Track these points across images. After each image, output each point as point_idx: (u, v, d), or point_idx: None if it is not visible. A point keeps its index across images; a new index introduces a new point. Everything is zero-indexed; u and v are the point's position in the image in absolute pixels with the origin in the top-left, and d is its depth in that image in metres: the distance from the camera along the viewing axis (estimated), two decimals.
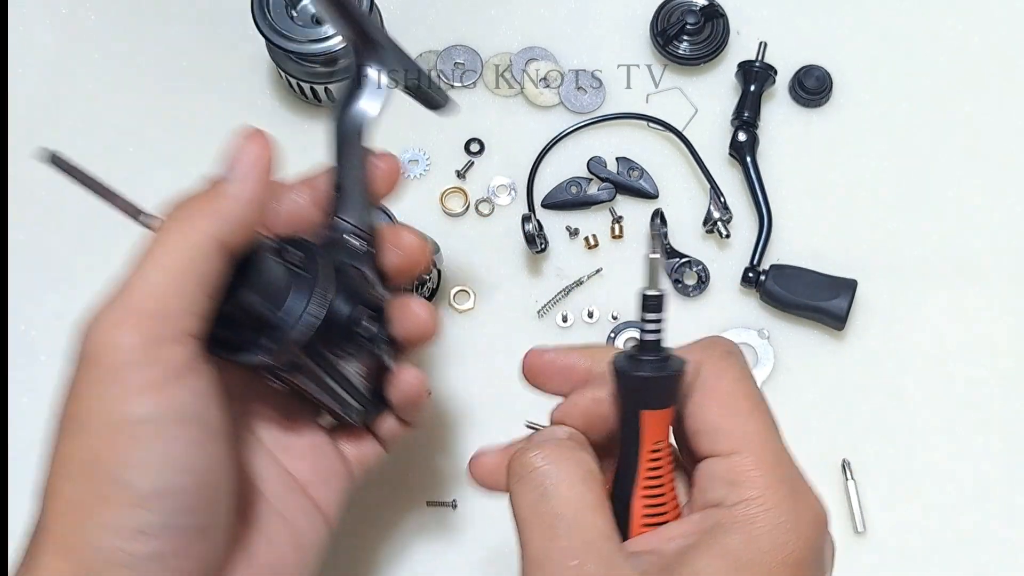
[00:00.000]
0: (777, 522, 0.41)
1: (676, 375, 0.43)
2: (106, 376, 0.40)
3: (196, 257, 0.42)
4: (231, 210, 0.44)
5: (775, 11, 0.82)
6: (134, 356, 0.40)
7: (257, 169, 0.45)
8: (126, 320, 0.41)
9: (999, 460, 0.74)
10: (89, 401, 0.41)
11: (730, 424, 0.43)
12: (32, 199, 0.80)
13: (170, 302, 0.41)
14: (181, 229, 0.43)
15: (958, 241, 0.78)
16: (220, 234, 0.43)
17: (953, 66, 0.81)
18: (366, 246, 0.52)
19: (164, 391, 0.41)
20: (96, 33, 0.84)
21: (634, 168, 0.79)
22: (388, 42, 0.54)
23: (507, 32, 0.83)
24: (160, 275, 0.42)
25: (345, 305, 0.49)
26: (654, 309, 0.44)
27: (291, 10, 0.75)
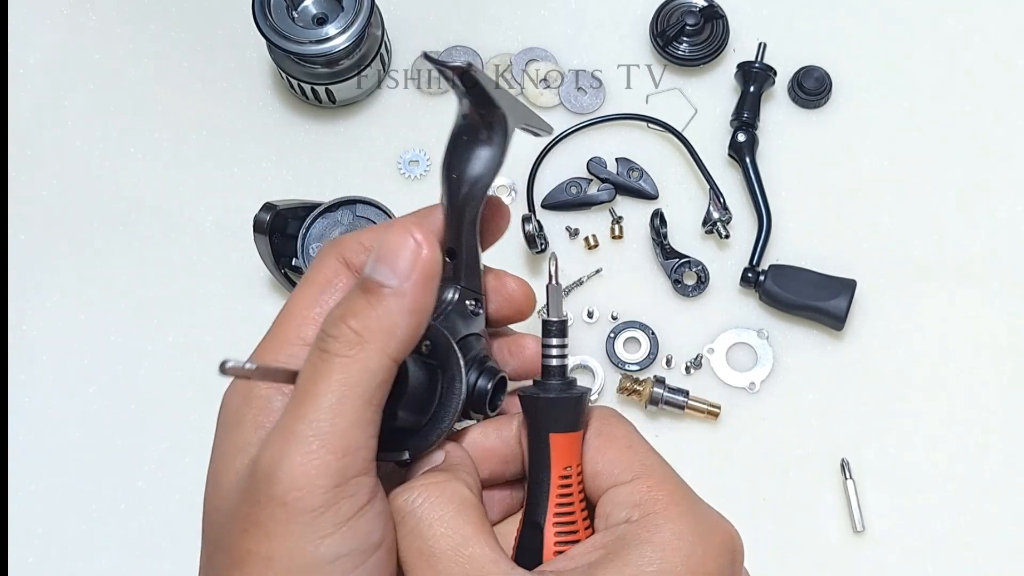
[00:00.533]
0: (682, 533, 0.41)
1: (582, 397, 0.44)
2: (298, 519, 0.39)
3: (373, 383, 0.40)
4: (401, 325, 0.40)
5: (775, 11, 0.83)
6: (326, 498, 0.39)
7: (420, 270, 0.40)
8: (315, 462, 0.39)
9: (999, 460, 0.74)
10: (283, 542, 0.39)
11: (630, 456, 0.44)
12: (32, 199, 0.80)
13: (355, 435, 0.39)
14: (358, 356, 0.40)
15: (958, 241, 0.78)
16: (394, 353, 0.40)
17: (953, 66, 0.81)
18: (480, 307, 0.48)
19: (355, 525, 0.40)
20: (96, 33, 0.84)
21: (634, 169, 0.79)
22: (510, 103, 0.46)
23: (507, 33, 0.83)
24: (344, 408, 0.39)
25: (476, 383, 0.46)
26: (557, 335, 0.45)
27: (292, 11, 0.75)
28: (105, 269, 0.79)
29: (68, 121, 0.82)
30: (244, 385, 0.43)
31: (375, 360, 0.40)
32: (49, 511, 0.74)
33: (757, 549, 0.73)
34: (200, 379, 0.76)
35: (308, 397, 0.39)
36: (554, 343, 0.45)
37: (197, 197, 0.80)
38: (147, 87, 0.82)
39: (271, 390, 0.43)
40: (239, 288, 0.78)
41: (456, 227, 0.45)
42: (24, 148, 0.81)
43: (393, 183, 0.80)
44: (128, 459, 0.75)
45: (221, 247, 0.79)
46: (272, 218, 0.70)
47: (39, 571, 0.74)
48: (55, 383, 0.77)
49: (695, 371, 0.76)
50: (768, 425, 0.75)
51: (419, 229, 0.40)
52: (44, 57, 0.83)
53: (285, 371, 0.41)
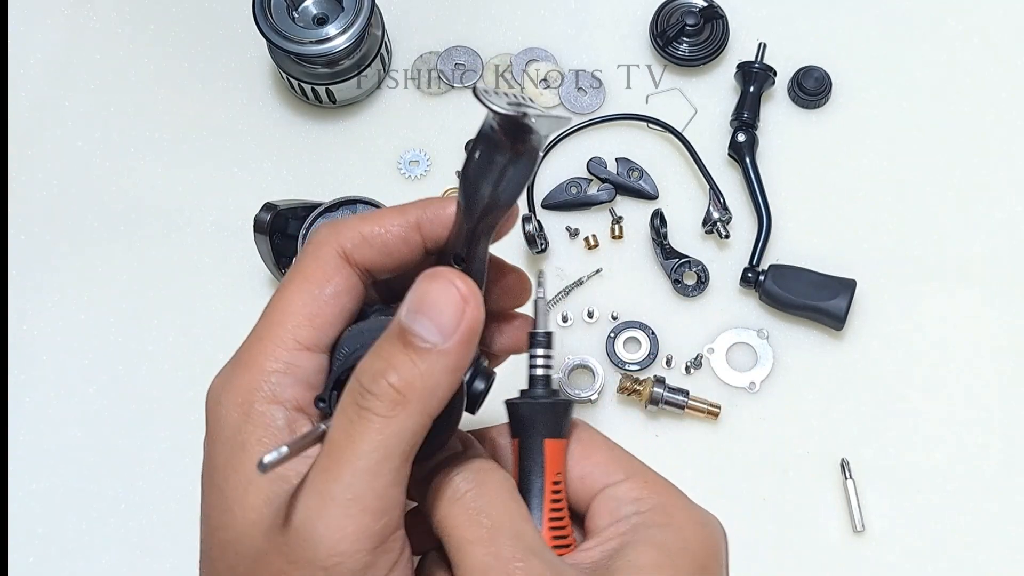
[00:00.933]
0: (692, 518, 0.44)
1: (570, 404, 0.46)
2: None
3: (413, 442, 0.39)
4: (443, 384, 0.39)
5: (775, 12, 0.83)
6: (368, 560, 0.38)
7: (465, 329, 0.38)
8: (354, 526, 0.38)
9: (999, 460, 0.74)
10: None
11: (617, 458, 0.46)
12: (32, 199, 0.80)
13: (393, 494, 0.38)
14: (398, 417, 0.38)
15: (957, 241, 0.78)
16: (434, 412, 0.39)
17: (952, 66, 0.81)
18: None
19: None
20: (97, 34, 0.84)
21: (634, 169, 0.79)
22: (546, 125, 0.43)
23: (507, 33, 0.83)
24: (382, 469, 0.38)
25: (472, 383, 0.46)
26: (544, 346, 0.46)
27: (292, 11, 0.76)
28: (105, 269, 0.79)
29: (68, 121, 0.82)
30: (238, 392, 0.42)
31: (415, 420, 0.38)
32: (49, 511, 0.74)
33: (757, 549, 0.73)
34: (200, 379, 0.75)
35: (345, 457, 0.38)
36: (540, 354, 0.46)
37: (197, 197, 0.80)
38: (147, 87, 0.82)
39: (272, 404, 0.41)
40: (239, 288, 0.78)
41: (469, 236, 0.44)
42: (24, 148, 0.81)
43: (393, 183, 0.80)
44: (128, 459, 0.75)
45: (221, 247, 0.79)
46: (272, 218, 0.70)
47: (39, 571, 0.73)
48: (55, 383, 0.77)
49: (695, 371, 0.76)
50: (768, 425, 0.75)
51: (461, 280, 0.38)
52: (44, 57, 0.83)
53: (315, 435, 0.39)
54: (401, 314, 0.39)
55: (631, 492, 0.44)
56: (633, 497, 0.44)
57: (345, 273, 0.43)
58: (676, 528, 0.43)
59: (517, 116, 0.39)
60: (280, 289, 0.43)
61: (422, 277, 0.39)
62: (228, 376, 0.43)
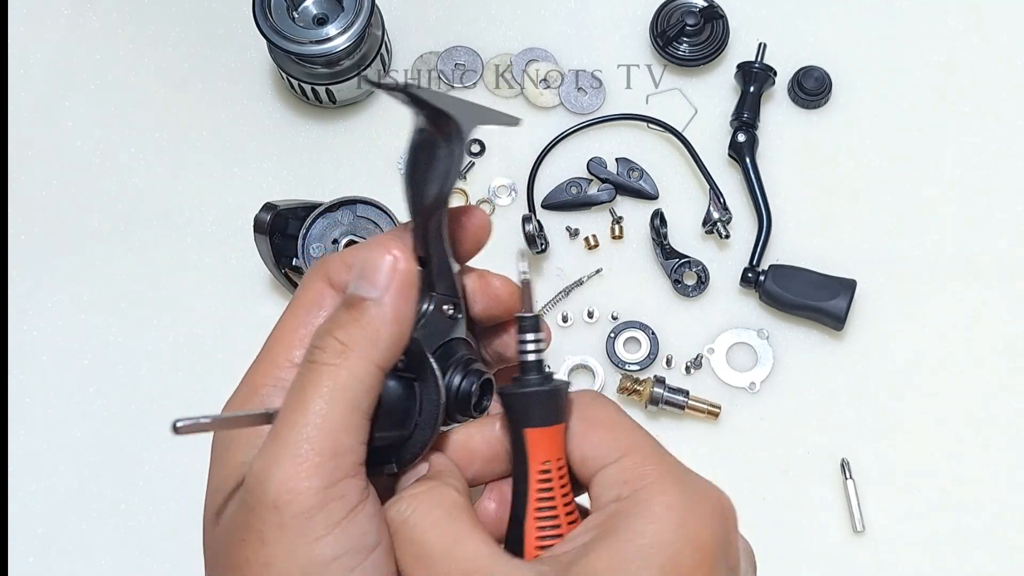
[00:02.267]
0: (672, 504, 0.41)
1: (556, 391, 0.44)
2: (292, 522, 0.40)
3: (361, 389, 0.42)
4: (384, 334, 0.42)
5: (775, 12, 0.83)
6: (317, 499, 0.40)
7: (398, 282, 0.43)
8: (305, 465, 0.40)
9: (998, 460, 0.74)
10: (280, 547, 0.40)
11: (614, 436, 0.44)
12: (32, 199, 0.80)
13: (343, 439, 0.41)
14: (344, 363, 0.42)
15: (958, 241, 0.78)
16: (380, 360, 0.42)
17: (952, 67, 0.81)
18: (458, 311, 0.48)
19: (348, 527, 0.41)
20: (97, 34, 0.84)
21: (634, 169, 0.79)
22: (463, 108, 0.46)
23: (507, 33, 0.83)
24: (331, 413, 0.41)
25: (460, 385, 0.47)
26: (532, 330, 0.45)
27: (292, 12, 0.76)
28: (105, 269, 0.79)
29: (68, 121, 0.82)
30: (233, 405, 0.44)
31: (361, 367, 0.41)
32: (49, 511, 0.74)
33: (757, 549, 0.73)
34: (200, 379, 0.76)
35: (297, 405, 0.41)
36: (530, 338, 0.45)
37: (197, 197, 0.80)
38: (147, 87, 0.82)
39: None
40: (239, 288, 0.78)
41: (423, 236, 0.46)
42: (24, 148, 0.81)
43: (393, 183, 0.80)
44: (128, 459, 0.75)
45: (221, 247, 0.79)
46: (272, 218, 0.70)
47: (39, 571, 0.74)
48: (55, 383, 0.77)
49: (695, 371, 0.76)
50: (768, 425, 0.75)
51: (395, 244, 0.42)
52: (44, 57, 0.83)
53: (255, 415, 0.42)
54: (349, 287, 0.43)
55: (620, 474, 0.43)
56: (620, 480, 0.43)
57: (331, 296, 0.46)
58: (649, 520, 0.41)
59: (399, 84, 0.42)
60: (279, 318, 0.46)
61: (360, 246, 0.44)
62: (232, 395, 0.46)
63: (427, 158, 0.45)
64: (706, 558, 0.41)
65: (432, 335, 0.46)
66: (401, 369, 0.45)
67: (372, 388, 0.42)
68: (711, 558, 0.41)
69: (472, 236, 0.48)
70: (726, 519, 0.43)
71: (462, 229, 0.48)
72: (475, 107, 0.46)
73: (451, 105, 0.43)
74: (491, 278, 0.49)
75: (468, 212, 0.48)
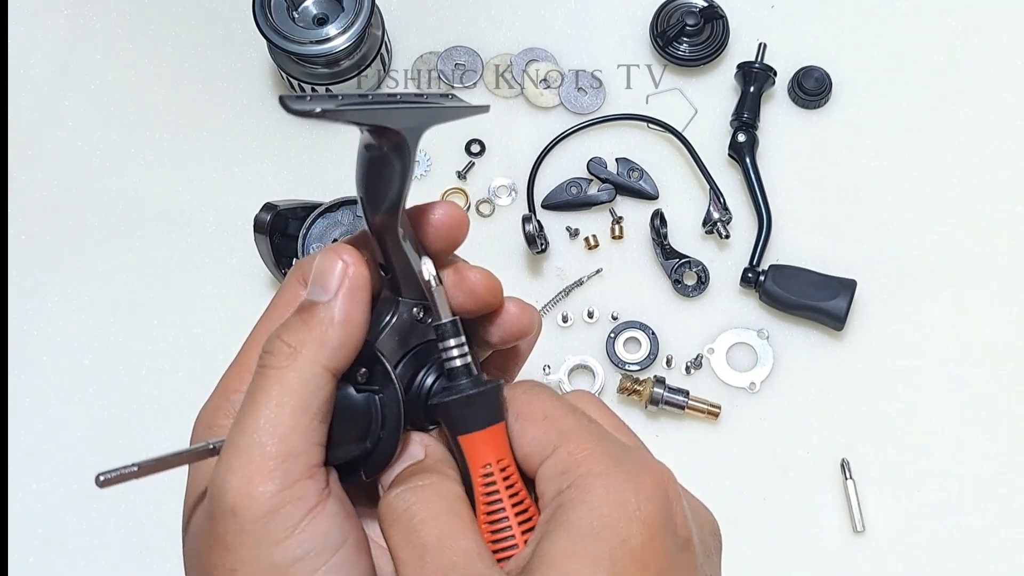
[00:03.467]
0: (612, 485, 0.41)
1: (483, 393, 0.43)
2: (251, 527, 0.41)
3: (309, 391, 0.42)
4: (332, 336, 0.43)
5: (775, 12, 0.83)
6: (272, 503, 0.41)
7: (347, 286, 0.43)
8: (258, 470, 0.41)
9: (999, 460, 0.74)
10: (242, 553, 0.41)
11: (548, 427, 0.44)
12: (32, 199, 0.80)
13: (294, 442, 0.41)
14: (292, 366, 0.42)
15: (958, 241, 0.78)
16: (328, 362, 0.42)
17: (952, 67, 0.81)
18: (429, 314, 0.48)
19: (308, 528, 0.41)
20: (97, 34, 0.84)
21: (634, 169, 0.79)
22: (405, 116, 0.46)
23: (508, 33, 0.83)
24: (281, 416, 0.41)
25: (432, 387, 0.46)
26: (452, 335, 0.44)
27: (292, 12, 0.75)
28: (105, 269, 0.79)
29: (68, 121, 0.82)
30: (206, 412, 0.45)
31: (308, 369, 0.42)
32: (49, 511, 0.74)
33: (757, 549, 0.73)
34: (200, 379, 0.75)
35: (249, 411, 0.41)
36: (452, 344, 0.44)
37: (197, 197, 0.80)
38: (147, 87, 0.82)
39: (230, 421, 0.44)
40: (239, 288, 0.78)
41: (381, 243, 0.45)
42: (24, 148, 0.81)
43: None
44: (128, 459, 0.75)
45: (221, 247, 0.79)
46: (273, 218, 0.70)
47: (39, 571, 0.74)
48: (55, 383, 0.77)
49: (695, 371, 0.76)
50: (768, 425, 0.75)
51: (347, 250, 0.43)
52: (44, 57, 0.83)
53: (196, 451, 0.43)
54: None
55: (558, 466, 0.42)
56: (559, 472, 0.42)
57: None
58: (592, 505, 0.40)
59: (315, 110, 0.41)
60: (255, 323, 0.47)
61: (316, 252, 0.44)
62: (207, 400, 0.47)
63: (375, 169, 0.44)
64: (655, 533, 0.40)
65: (402, 340, 0.46)
66: (362, 382, 0.45)
67: (321, 389, 0.42)
68: (659, 531, 0.40)
69: (442, 233, 0.48)
70: (666, 490, 0.42)
71: (429, 226, 0.47)
72: (428, 110, 0.45)
73: (388, 117, 0.43)
74: (466, 272, 0.48)
75: (433, 209, 0.47)
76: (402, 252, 0.46)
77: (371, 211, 0.44)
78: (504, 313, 0.49)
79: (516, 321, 0.49)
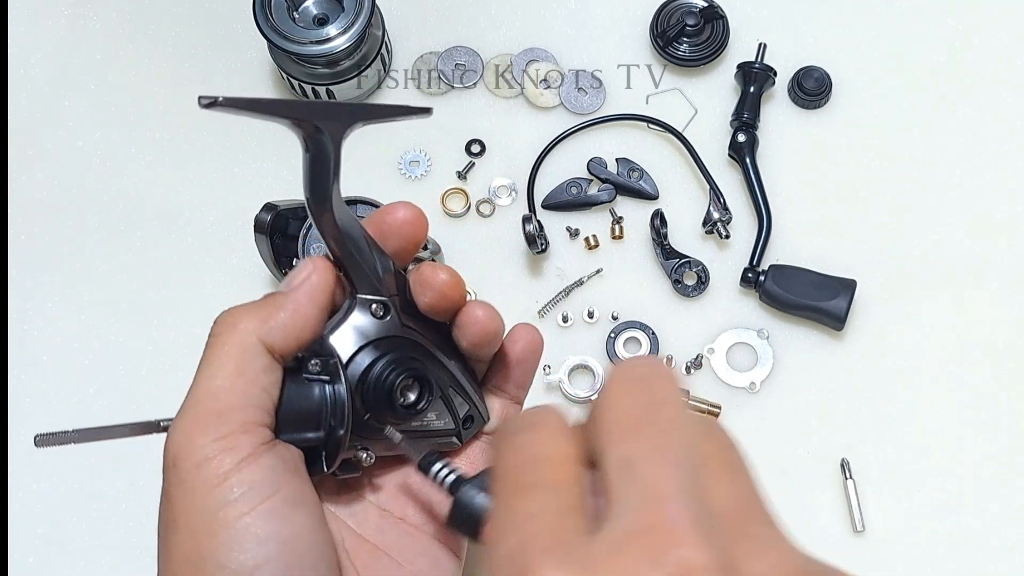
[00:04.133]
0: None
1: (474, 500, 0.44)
2: (188, 476, 0.44)
3: (245, 357, 0.46)
4: (276, 318, 0.47)
5: (775, 12, 0.83)
6: (207, 452, 0.44)
7: (307, 285, 0.48)
8: (196, 424, 0.45)
9: (999, 460, 0.74)
10: (180, 502, 0.44)
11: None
12: (32, 199, 0.80)
13: (230, 399, 0.45)
14: (230, 333, 0.47)
15: (958, 241, 0.78)
16: (265, 337, 0.47)
17: (952, 67, 0.81)
18: (388, 310, 0.50)
19: (241, 473, 0.44)
20: (97, 34, 0.84)
21: (634, 169, 0.79)
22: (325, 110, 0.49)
23: (508, 33, 0.83)
24: (217, 377, 0.46)
25: (380, 379, 0.49)
26: (432, 465, 0.47)
27: (293, 12, 0.76)
28: (105, 269, 0.79)
29: (68, 121, 0.82)
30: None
31: (245, 338, 0.46)
32: (49, 511, 0.74)
33: None
34: None
35: (195, 378, 0.46)
36: (435, 470, 0.46)
37: (197, 197, 0.80)
38: (147, 87, 0.82)
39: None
40: (240, 288, 0.78)
41: (324, 237, 0.49)
42: (24, 148, 0.81)
43: (393, 184, 0.80)
44: (128, 459, 0.75)
45: (221, 247, 0.79)
46: (273, 218, 0.70)
47: (39, 571, 0.73)
48: (55, 383, 0.77)
49: (695, 371, 0.76)
50: (768, 425, 0.75)
51: (320, 261, 0.48)
52: (44, 57, 0.83)
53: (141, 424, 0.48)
54: None
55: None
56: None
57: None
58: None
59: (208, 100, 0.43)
60: None
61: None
62: None
63: (304, 164, 0.47)
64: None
65: (359, 334, 0.49)
66: (314, 372, 0.48)
67: (257, 357, 0.46)
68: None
69: (397, 233, 0.50)
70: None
71: (384, 226, 0.50)
72: (351, 107, 0.48)
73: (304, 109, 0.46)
74: (428, 272, 0.50)
75: (391, 209, 0.50)
76: (350, 248, 0.49)
77: (307, 205, 0.48)
78: (466, 316, 0.51)
79: (479, 324, 0.51)
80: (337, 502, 0.52)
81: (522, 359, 0.54)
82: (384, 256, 0.50)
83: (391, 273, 0.50)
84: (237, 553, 0.43)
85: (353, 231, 0.49)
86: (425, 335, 0.51)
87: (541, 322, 0.77)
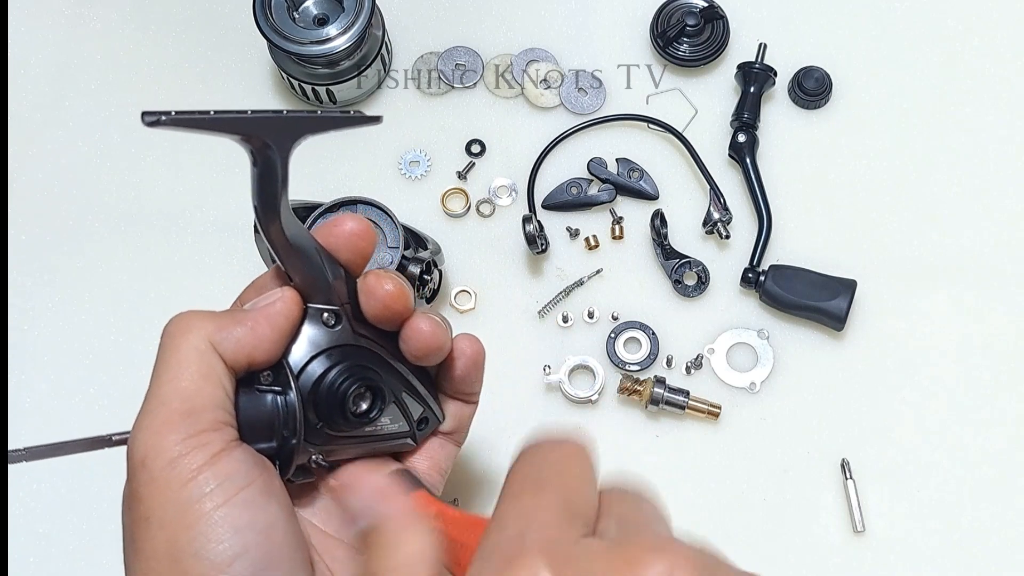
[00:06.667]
0: None
1: None
2: (161, 473, 0.45)
3: (204, 361, 0.47)
4: (232, 330, 0.48)
5: (775, 12, 0.83)
6: (179, 449, 0.45)
7: (270, 309, 0.49)
8: (165, 423, 0.45)
9: (999, 460, 0.74)
10: (152, 499, 0.45)
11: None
12: (32, 199, 0.80)
13: (199, 401, 0.46)
14: (184, 335, 0.47)
15: (958, 241, 0.78)
16: (218, 344, 0.47)
17: (952, 67, 0.81)
18: (339, 319, 0.51)
19: (214, 467, 0.45)
20: (97, 34, 0.84)
21: (634, 169, 0.79)
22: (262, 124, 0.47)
23: (508, 33, 0.83)
24: (183, 379, 0.46)
25: (331, 386, 0.50)
26: None
27: (293, 12, 0.76)
28: (106, 269, 0.79)
29: (68, 121, 0.82)
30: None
31: (199, 341, 0.47)
32: (49, 511, 0.74)
33: (757, 549, 0.73)
34: None
35: (153, 380, 0.47)
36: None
37: (197, 197, 0.80)
38: (147, 87, 0.82)
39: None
40: (239, 288, 0.77)
41: (273, 249, 0.49)
42: (24, 148, 0.81)
43: (394, 183, 0.80)
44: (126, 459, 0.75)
45: (222, 247, 0.79)
46: None
47: (39, 571, 0.73)
48: (55, 383, 0.77)
49: (695, 371, 0.76)
50: (768, 425, 0.75)
51: (289, 290, 0.49)
52: (45, 57, 0.83)
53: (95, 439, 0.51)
54: None
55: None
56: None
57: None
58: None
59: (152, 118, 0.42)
60: None
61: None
62: None
63: (253, 177, 0.47)
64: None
65: (312, 344, 0.50)
66: (266, 383, 0.49)
67: (215, 362, 0.47)
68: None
69: (346, 244, 0.51)
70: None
71: (332, 238, 0.51)
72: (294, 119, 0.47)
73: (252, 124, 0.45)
74: (374, 282, 0.51)
75: (338, 222, 0.51)
76: (299, 260, 0.49)
77: (256, 216, 0.48)
78: (410, 329, 0.52)
79: (422, 338, 0.52)
80: (299, 504, 0.52)
81: (464, 375, 0.55)
82: (335, 264, 0.51)
83: (342, 280, 0.51)
84: (215, 544, 0.44)
85: (302, 241, 0.49)
86: (378, 340, 0.52)
87: (542, 322, 0.77)
